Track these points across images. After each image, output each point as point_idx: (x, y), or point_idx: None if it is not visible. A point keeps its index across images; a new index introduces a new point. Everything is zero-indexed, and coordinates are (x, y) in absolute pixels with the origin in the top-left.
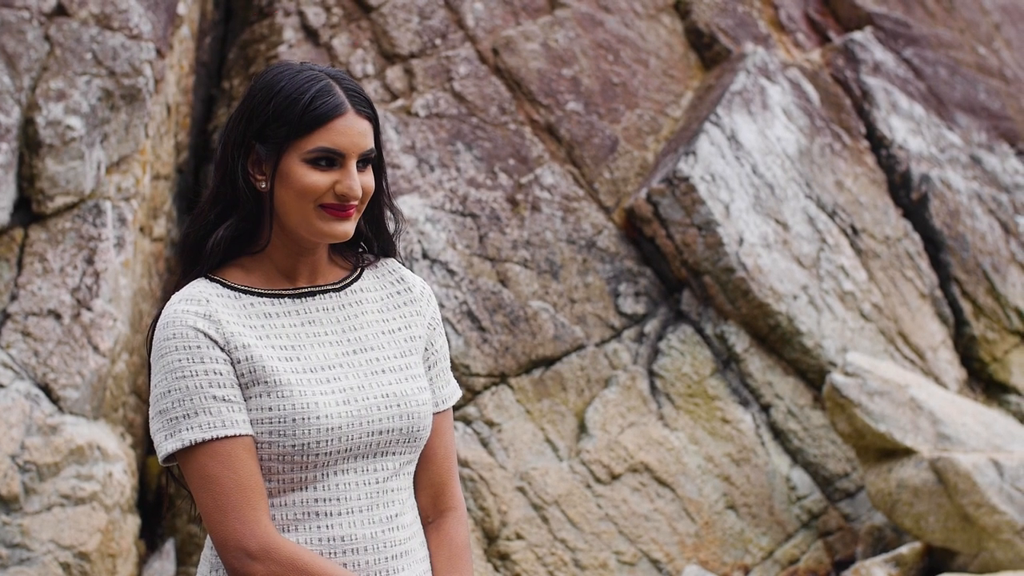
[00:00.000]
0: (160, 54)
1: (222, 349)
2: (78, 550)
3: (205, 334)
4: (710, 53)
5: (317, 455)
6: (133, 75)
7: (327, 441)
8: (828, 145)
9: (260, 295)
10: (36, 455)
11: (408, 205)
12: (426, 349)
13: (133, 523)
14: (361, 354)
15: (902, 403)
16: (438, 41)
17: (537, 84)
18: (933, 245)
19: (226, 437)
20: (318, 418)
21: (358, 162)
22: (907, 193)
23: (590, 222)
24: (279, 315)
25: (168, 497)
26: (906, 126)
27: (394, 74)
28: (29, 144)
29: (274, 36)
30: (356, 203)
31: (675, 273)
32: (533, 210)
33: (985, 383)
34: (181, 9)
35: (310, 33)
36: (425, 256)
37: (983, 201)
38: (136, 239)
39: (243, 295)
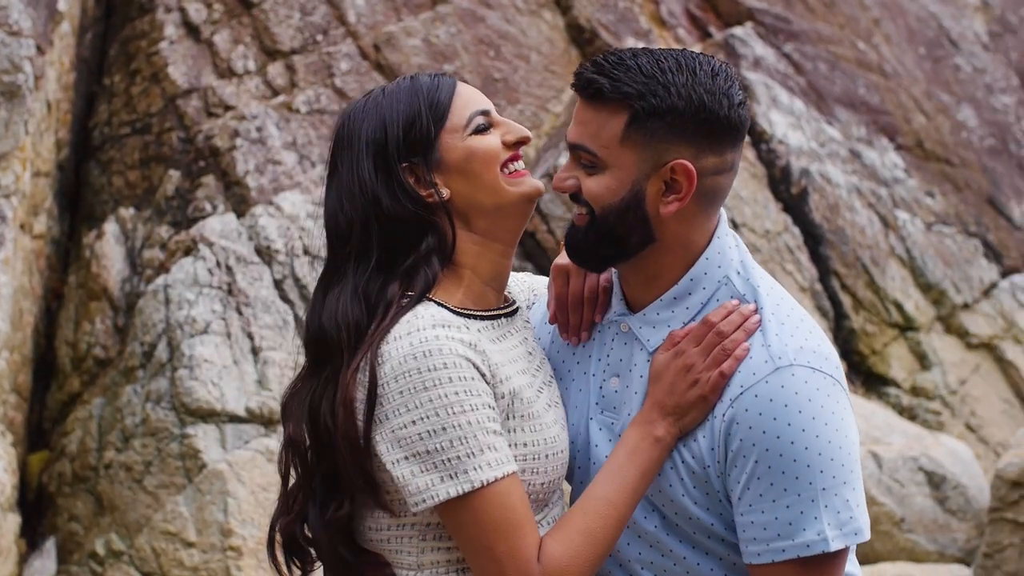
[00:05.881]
0: (40, 50)
1: (487, 383)
2: None
3: (475, 365)
4: (591, 48)
5: (552, 492)
6: (13, 72)
7: (560, 477)
8: None
9: (482, 318)
10: None
11: (289, 201)
12: None
13: (14, 521)
14: (547, 371)
15: None
16: (319, 37)
17: None
18: (813, 239)
19: (511, 474)
20: (563, 451)
21: None
22: (787, 187)
23: None
24: (503, 338)
25: (49, 496)
26: (786, 121)
27: (275, 70)
28: None
29: (155, 32)
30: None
31: None
32: None
33: (864, 376)
34: (61, 5)
35: (191, 29)
36: (306, 253)
37: (862, 195)
38: (16, 236)
39: (471, 320)
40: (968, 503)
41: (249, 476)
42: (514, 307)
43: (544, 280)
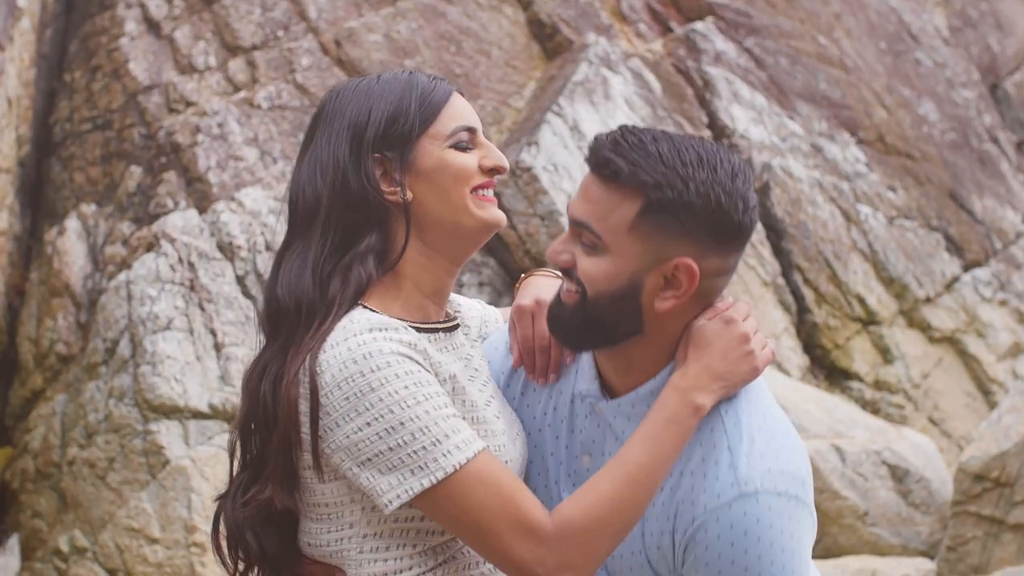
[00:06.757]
0: (0, 47)
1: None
2: None
3: (416, 361)
4: (552, 44)
5: None
6: None
7: None
8: None
9: (420, 330)
10: None
11: (251, 197)
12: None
13: None
14: (493, 388)
15: None
16: (280, 33)
17: None
18: (775, 233)
19: (483, 450)
20: (508, 462)
21: None
22: None
23: None
24: (443, 351)
25: (12, 493)
26: (748, 115)
27: (236, 66)
28: None
29: (115, 28)
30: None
31: (518, 263)
32: None
33: (827, 370)
34: (21, 2)
35: (152, 25)
36: (268, 248)
37: (824, 189)
38: None
39: (409, 330)
40: (931, 496)
41: (212, 472)
42: (454, 323)
43: (496, 312)
